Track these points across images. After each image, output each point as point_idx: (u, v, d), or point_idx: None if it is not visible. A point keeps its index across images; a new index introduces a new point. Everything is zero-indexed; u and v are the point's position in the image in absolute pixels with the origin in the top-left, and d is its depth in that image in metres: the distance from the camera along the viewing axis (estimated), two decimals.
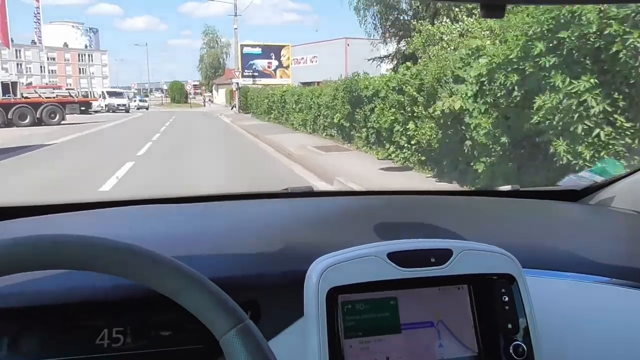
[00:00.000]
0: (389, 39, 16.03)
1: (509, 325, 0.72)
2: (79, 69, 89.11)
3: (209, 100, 53.67)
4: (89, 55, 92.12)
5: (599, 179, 1.31)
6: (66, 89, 29.37)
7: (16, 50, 68.49)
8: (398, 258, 0.70)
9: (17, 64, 70.86)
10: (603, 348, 0.79)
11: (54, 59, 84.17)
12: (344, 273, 0.69)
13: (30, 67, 74.37)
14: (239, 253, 0.83)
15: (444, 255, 0.71)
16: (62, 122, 21.47)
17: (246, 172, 8.65)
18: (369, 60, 15.96)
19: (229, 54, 72.19)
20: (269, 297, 0.73)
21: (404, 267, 0.70)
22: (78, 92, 27.94)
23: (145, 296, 0.61)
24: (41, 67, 71.79)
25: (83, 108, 24.47)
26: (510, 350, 0.70)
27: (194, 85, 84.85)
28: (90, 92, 33.57)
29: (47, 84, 44.10)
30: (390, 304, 0.71)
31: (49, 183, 7.32)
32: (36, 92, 23.35)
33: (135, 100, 46.87)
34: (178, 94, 64.66)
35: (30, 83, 43.99)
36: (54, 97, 22.73)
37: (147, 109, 46.10)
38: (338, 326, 0.68)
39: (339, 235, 0.93)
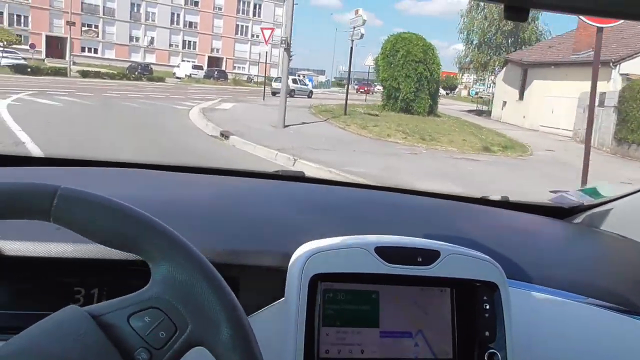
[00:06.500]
0: None
1: (487, 333, 0.72)
2: None
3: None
4: None
5: (588, 199, 1.34)
6: None
7: None
8: (385, 253, 0.70)
9: None
10: None
11: None
12: (329, 261, 0.69)
13: None
14: (225, 227, 0.83)
15: (431, 256, 0.72)
16: None
17: None
18: None
19: None
20: (251, 274, 0.73)
21: (390, 263, 0.70)
22: None
23: (125, 258, 0.61)
24: None
25: None
26: (485, 358, 0.71)
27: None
28: None
29: None
30: (372, 297, 0.71)
31: None
32: None
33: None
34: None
35: None
36: None
37: None
38: (317, 313, 0.68)
39: (327, 224, 0.92)
